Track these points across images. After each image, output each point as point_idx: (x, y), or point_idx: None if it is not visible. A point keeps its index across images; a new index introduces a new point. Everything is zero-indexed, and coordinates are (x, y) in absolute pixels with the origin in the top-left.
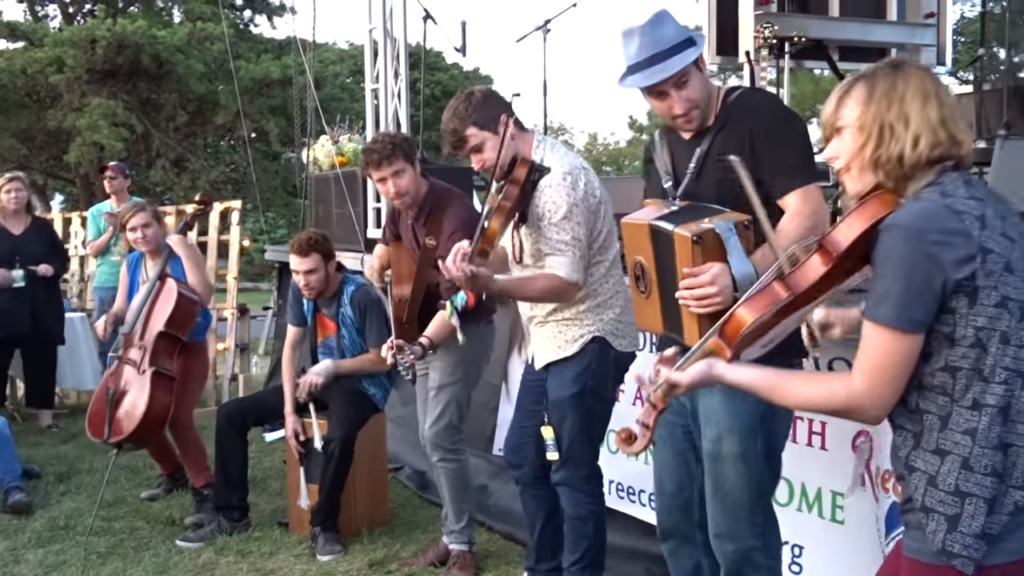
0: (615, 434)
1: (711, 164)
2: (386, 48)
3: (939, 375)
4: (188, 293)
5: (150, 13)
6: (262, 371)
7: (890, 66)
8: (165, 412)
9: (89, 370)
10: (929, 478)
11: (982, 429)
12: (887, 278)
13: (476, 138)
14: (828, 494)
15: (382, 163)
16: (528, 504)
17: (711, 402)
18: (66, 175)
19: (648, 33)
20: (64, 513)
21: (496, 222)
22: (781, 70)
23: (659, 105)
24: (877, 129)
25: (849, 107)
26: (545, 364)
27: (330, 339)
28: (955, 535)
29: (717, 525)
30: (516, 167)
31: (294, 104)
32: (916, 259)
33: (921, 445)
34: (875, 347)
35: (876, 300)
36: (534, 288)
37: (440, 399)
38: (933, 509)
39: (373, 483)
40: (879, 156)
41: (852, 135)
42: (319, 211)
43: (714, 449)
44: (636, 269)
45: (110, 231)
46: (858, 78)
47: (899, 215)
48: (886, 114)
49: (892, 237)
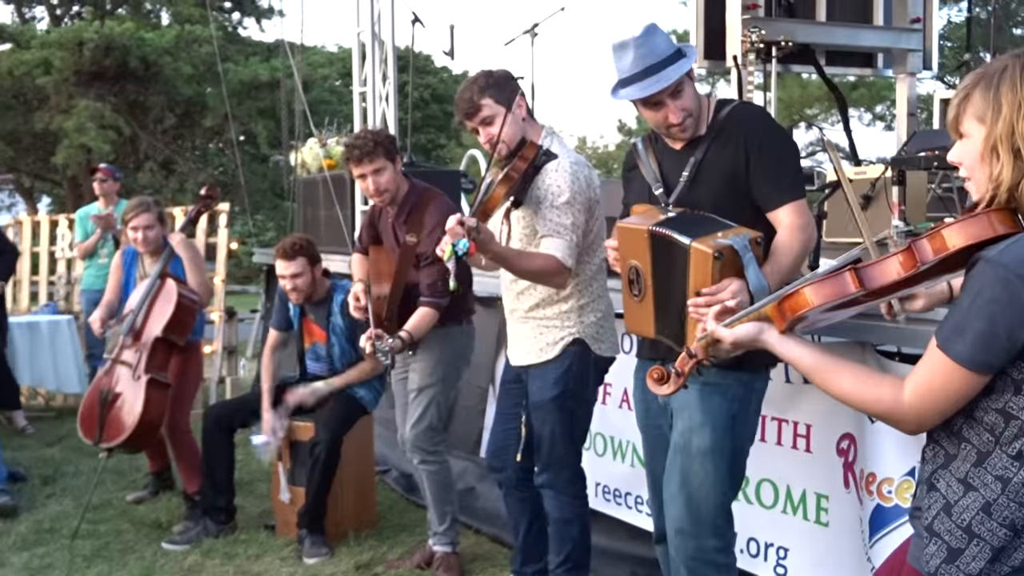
0: (647, 375)
1: (707, 172)
2: (374, 51)
3: (992, 414)
4: (188, 294)
5: (138, 15)
6: (250, 374)
7: (1019, 67)
8: (159, 419)
9: (74, 373)
10: (945, 504)
11: (1016, 482)
12: (971, 313)
13: (489, 109)
14: (813, 496)
15: (363, 159)
16: (512, 507)
17: (688, 396)
18: (53, 177)
19: (642, 45)
20: (49, 516)
21: (501, 189)
22: (768, 74)
23: (653, 115)
24: (1008, 152)
25: (970, 119)
26: (524, 365)
27: (318, 346)
28: (951, 567)
29: (680, 521)
30: (524, 147)
31: (282, 107)
32: (1006, 303)
33: (950, 468)
34: (936, 373)
35: (953, 330)
36: (531, 264)
37: (421, 401)
38: (939, 535)
39: (360, 485)
40: (1013, 183)
41: (979, 153)
42: (307, 214)
43: (683, 441)
44: (631, 273)
45: (97, 233)
46: (980, 77)
47: (1005, 252)
48: (1014, 136)
49: (990, 272)
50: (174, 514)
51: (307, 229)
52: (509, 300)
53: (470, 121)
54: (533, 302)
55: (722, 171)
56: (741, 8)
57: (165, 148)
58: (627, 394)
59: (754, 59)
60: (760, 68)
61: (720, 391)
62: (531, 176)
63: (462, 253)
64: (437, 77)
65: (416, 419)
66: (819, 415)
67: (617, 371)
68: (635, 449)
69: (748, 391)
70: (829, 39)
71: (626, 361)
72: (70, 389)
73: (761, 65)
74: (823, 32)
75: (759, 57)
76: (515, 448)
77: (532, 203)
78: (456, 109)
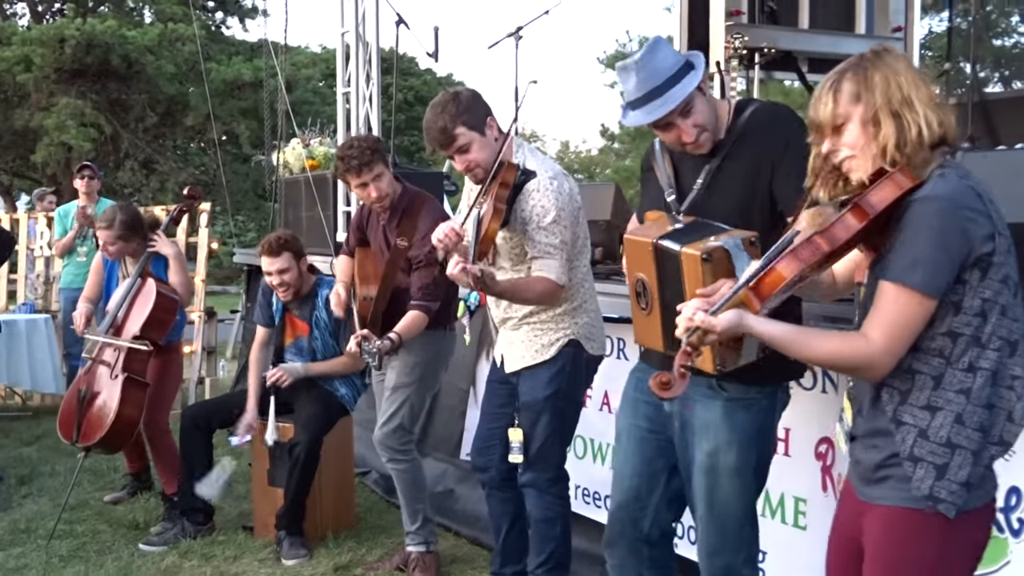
0: (651, 385)
1: (723, 179)
2: (358, 52)
3: (939, 339)
4: (168, 294)
5: (120, 13)
6: (229, 375)
7: (874, 55)
8: (135, 420)
9: (51, 373)
10: (920, 431)
11: (976, 389)
12: (920, 246)
13: (464, 138)
14: (791, 500)
15: (362, 170)
16: (494, 507)
17: (711, 415)
18: (33, 175)
19: (644, 67)
20: (25, 516)
21: (494, 225)
22: (751, 81)
23: (667, 136)
24: (890, 117)
25: (846, 102)
26: (518, 369)
27: (300, 340)
28: (943, 482)
29: (709, 542)
30: (503, 170)
31: (265, 107)
32: (951, 231)
33: (909, 401)
34: (898, 308)
35: (907, 265)
36: (532, 291)
37: (394, 399)
38: (922, 459)
39: (339, 487)
40: (899, 141)
41: (859, 127)
42: (289, 214)
43: (711, 463)
44: (637, 286)
45: (75, 229)
46: (844, 72)
47: (935, 189)
48: (893, 102)
49: (929, 208)
50: (152, 515)
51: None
52: (500, 311)
53: (445, 151)
54: (527, 310)
55: (742, 178)
56: (724, 15)
57: (146, 147)
58: (607, 397)
59: (737, 65)
60: (743, 74)
61: (744, 406)
62: (514, 198)
63: (475, 308)
64: (421, 79)
65: (387, 418)
66: (798, 419)
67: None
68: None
69: (772, 404)
70: (811, 46)
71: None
72: (47, 389)
73: (744, 71)
74: (806, 39)
75: (742, 63)
76: (500, 449)
77: (518, 225)
78: (427, 138)
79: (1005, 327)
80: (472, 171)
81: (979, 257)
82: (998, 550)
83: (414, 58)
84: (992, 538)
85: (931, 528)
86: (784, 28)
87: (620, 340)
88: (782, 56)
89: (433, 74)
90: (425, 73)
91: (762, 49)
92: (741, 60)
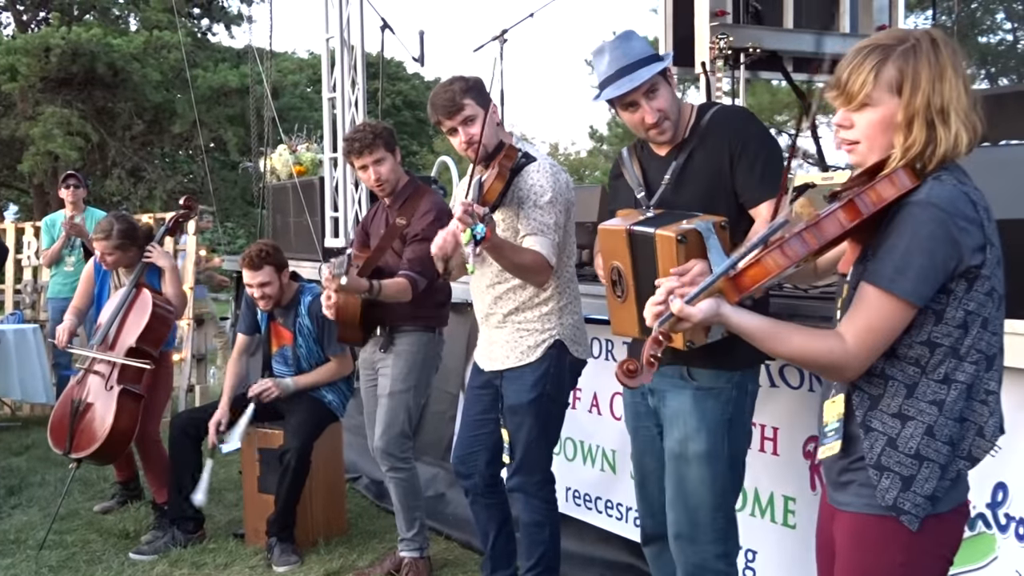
0: (616, 372)
1: (690, 175)
2: (343, 57)
3: (917, 347)
4: (163, 305)
5: (106, 21)
6: (219, 382)
7: (931, 42)
8: (130, 432)
9: (41, 383)
10: (888, 440)
11: (949, 402)
12: (910, 251)
13: (471, 109)
14: (780, 499)
15: (363, 151)
16: (479, 514)
17: (680, 403)
18: (20, 185)
19: (616, 48)
20: (15, 527)
21: (498, 184)
22: (736, 81)
23: (631, 117)
24: (924, 125)
25: (884, 88)
26: (500, 370)
27: (285, 348)
28: (907, 494)
29: (678, 526)
30: (506, 148)
31: (252, 113)
32: (942, 240)
33: (880, 407)
34: (879, 313)
35: (894, 271)
36: (523, 257)
37: (391, 406)
38: (889, 468)
39: (330, 493)
40: (924, 152)
41: (882, 121)
42: (277, 221)
43: (680, 449)
44: (613, 275)
45: (62, 238)
46: (891, 49)
47: (931, 194)
48: (932, 109)
49: (923, 214)
50: (142, 524)
51: (277, 236)
52: (484, 305)
53: (450, 120)
54: (512, 306)
55: (706, 172)
56: (709, 15)
57: (133, 155)
58: (596, 399)
59: (722, 65)
60: (728, 74)
61: (714, 395)
62: (512, 177)
63: (480, 236)
64: (409, 83)
65: (387, 425)
66: (786, 418)
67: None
68: (604, 454)
69: (742, 394)
70: (796, 46)
71: (595, 366)
72: (36, 399)
73: (729, 71)
74: (790, 39)
75: (727, 64)
76: (483, 455)
77: (513, 203)
78: (433, 109)
79: (985, 341)
80: (473, 146)
81: (968, 268)
82: (985, 546)
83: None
84: (979, 535)
85: (895, 535)
86: (768, 28)
87: (608, 342)
88: (767, 56)
89: (421, 78)
90: (413, 77)
91: (747, 49)
92: (726, 60)
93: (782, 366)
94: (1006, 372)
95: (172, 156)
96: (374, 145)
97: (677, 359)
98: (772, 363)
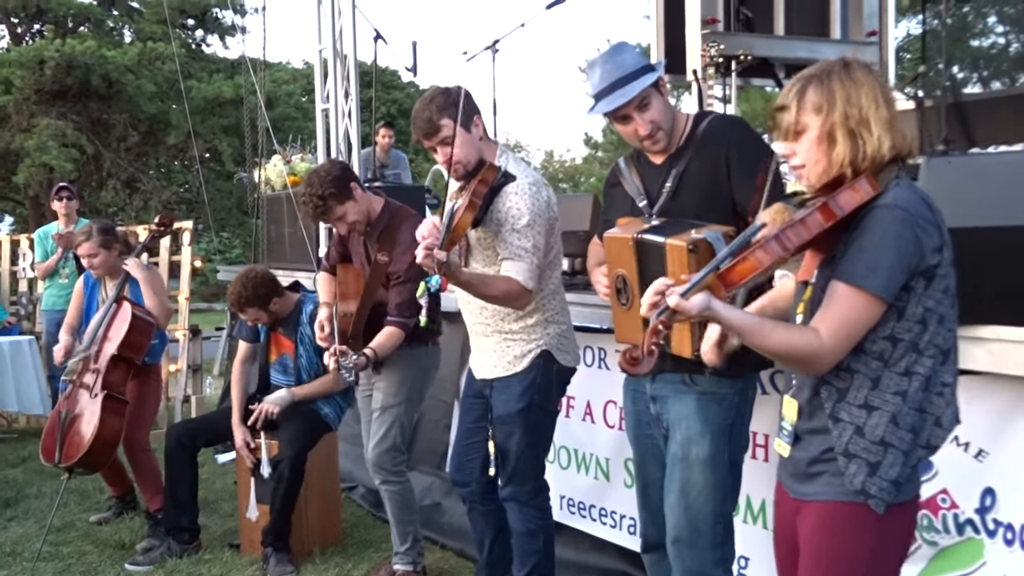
0: (620, 360)
1: (689, 183)
2: (336, 68)
3: (881, 342)
4: (144, 316)
5: (100, 33)
6: (215, 392)
7: (843, 66)
8: (116, 436)
9: (37, 394)
10: (856, 428)
11: (911, 393)
12: (880, 250)
13: (448, 130)
14: (771, 505)
15: (319, 218)
16: (476, 521)
17: (685, 408)
18: (15, 197)
19: (608, 62)
20: (11, 539)
21: (467, 217)
22: (728, 88)
23: (625, 129)
24: (846, 136)
25: (808, 111)
26: (489, 379)
27: (285, 357)
28: (874, 479)
29: (678, 530)
30: (484, 170)
31: (246, 124)
32: (908, 239)
33: (847, 400)
34: (851, 309)
35: (867, 268)
36: (495, 288)
37: (384, 420)
38: (856, 455)
39: (325, 502)
40: (853, 159)
41: (816, 139)
42: (271, 231)
43: (682, 452)
44: (618, 283)
45: (58, 253)
46: (810, 79)
47: (896, 197)
48: (850, 120)
49: (890, 215)
50: (138, 535)
51: (272, 246)
52: (472, 314)
53: (428, 141)
54: (498, 318)
55: (705, 180)
56: (700, 23)
57: (128, 166)
58: (590, 407)
59: (714, 73)
60: (720, 82)
61: (717, 400)
62: (490, 198)
63: (435, 290)
64: (404, 92)
65: (379, 439)
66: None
67: (580, 384)
68: (599, 462)
69: (743, 400)
70: (787, 52)
71: (589, 374)
72: (33, 410)
73: (721, 79)
74: (781, 46)
75: (719, 71)
76: (479, 463)
77: (492, 225)
78: (413, 128)
79: (941, 336)
80: (452, 166)
81: (927, 267)
82: (974, 551)
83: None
84: (968, 540)
85: (864, 520)
86: (760, 35)
87: (601, 350)
88: (759, 63)
89: (416, 87)
90: (408, 86)
91: (739, 56)
92: (718, 68)
93: (772, 373)
94: (992, 378)
95: (167, 167)
96: (325, 209)
97: (680, 368)
98: (763, 371)
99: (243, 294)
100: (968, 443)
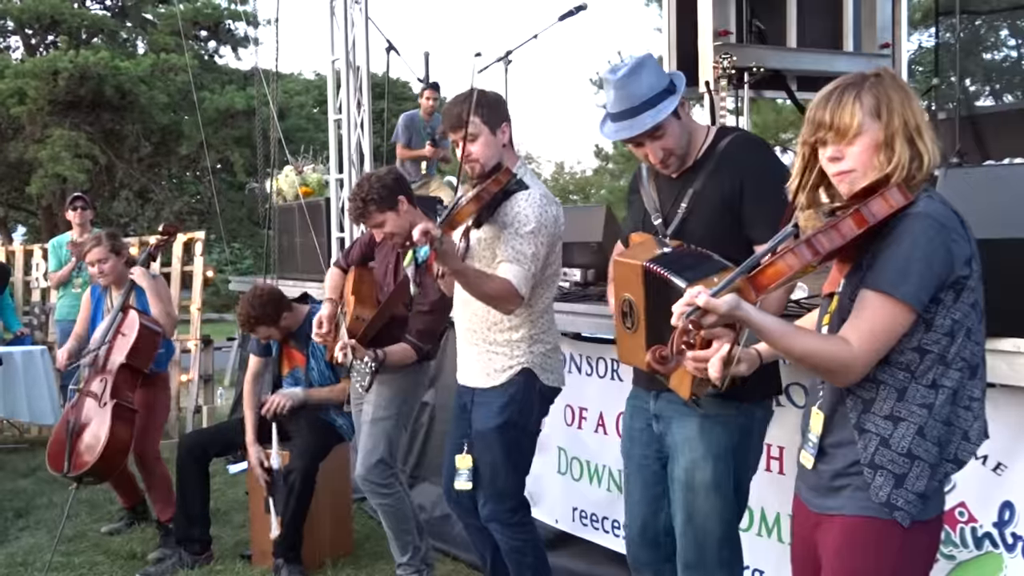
0: (649, 358)
1: (703, 203)
2: (348, 79)
3: (908, 353)
4: (151, 325)
5: (113, 44)
6: (227, 403)
7: (890, 76)
8: (126, 445)
9: (48, 405)
10: (882, 440)
11: (938, 405)
12: (912, 259)
13: (474, 127)
14: (786, 518)
15: (359, 220)
16: (474, 536)
17: (688, 431)
18: (28, 207)
19: (624, 87)
20: (23, 549)
21: (470, 207)
22: (740, 100)
23: (637, 151)
24: (905, 142)
25: (867, 115)
26: (471, 387)
27: (297, 370)
28: (900, 491)
29: (686, 555)
30: (499, 172)
31: (258, 135)
32: (939, 249)
33: (872, 411)
34: (882, 317)
35: (898, 276)
36: (488, 285)
37: (373, 434)
38: (882, 467)
39: (336, 513)
40: (911, 167)
41: (873, 145)
42: (283, 242)
43: (687, 477)
44: (624, 306)
45: (72, 263)
46: (860, 85)
47: (927, 207)
48: (909, 127)
49: (923, 224)
50: (149, 545)
51: (283, 257)
52: (462, 319)
53: (454, 134)
54: (484, 325)
55: (718, 201)
56: (713, 35)
57: (141, 177)
58: (603, 418)
59: (726, 85)
60: (732, 94)
61: (721, 422)
62: (500, 200)
63: (422, 260)
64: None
65: (367, 453)
66: (792, 437)
67: (593, 395)
68: (611, 473)
69: (750, 420)
70: (799, 65)
71: (602, 385)
72: (44, 420)
73: (733, 91)
74: (793, 58)
75: (731, 83)
76: None
77: (496, 227)
78: (443, 119)
79: (969, 349)
80: (470, 163)
81: (957, 279)
82: (993, 565)
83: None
84: (987, 554)
85: (889, 536)
86: (772, 47)
87: (614, 362)
88: (771, 75)
89: None
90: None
91: (751, 68)
92: (730, 80)
93: (787, 385)
94: (1011, 391)
95: (179, 177)
96: (366, 213)
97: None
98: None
99: (251, 314)
100: (986, 456)
